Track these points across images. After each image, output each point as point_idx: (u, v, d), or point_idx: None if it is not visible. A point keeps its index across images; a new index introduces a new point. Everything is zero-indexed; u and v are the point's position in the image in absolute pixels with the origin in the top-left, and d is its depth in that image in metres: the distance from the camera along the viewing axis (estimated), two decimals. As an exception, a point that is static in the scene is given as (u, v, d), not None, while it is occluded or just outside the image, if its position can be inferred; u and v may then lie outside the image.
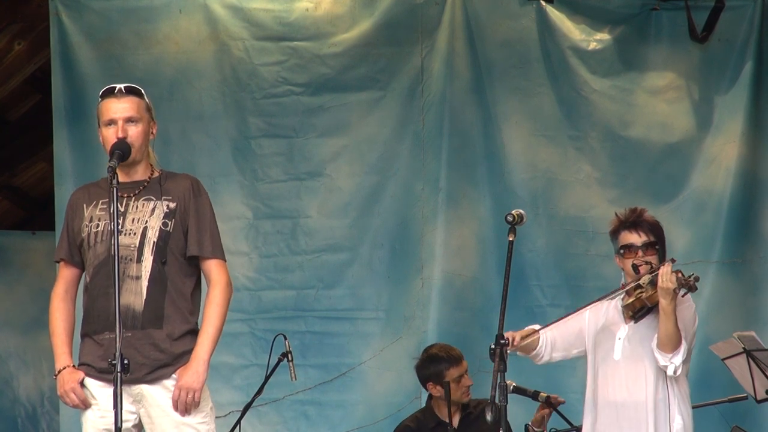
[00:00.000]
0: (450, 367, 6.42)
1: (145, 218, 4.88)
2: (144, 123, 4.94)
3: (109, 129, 4.91)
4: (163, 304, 4.85)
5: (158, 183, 4.95)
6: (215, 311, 4.89)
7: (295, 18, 7.46)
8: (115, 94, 4.93)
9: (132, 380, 4.75)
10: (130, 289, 4.84)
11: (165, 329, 4.85)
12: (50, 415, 8.92)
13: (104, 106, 4.95)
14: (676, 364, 5.34)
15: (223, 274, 4.95)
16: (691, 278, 5.23)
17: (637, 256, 5.51)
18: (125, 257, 4.83)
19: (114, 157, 4.76)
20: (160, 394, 4.84)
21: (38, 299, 8.76)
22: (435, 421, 6.49)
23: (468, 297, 7.36)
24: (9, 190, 9.37)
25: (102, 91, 4.99)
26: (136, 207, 4.90)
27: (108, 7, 7.43)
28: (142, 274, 4.85)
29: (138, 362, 4.77)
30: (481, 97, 7.43)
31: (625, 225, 5.57)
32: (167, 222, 4.89)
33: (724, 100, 7.38)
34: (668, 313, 5.27)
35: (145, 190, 4.94)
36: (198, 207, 4.94)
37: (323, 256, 7.40)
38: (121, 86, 4.95)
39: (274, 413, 7.35)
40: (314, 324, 7.38)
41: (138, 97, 4.96)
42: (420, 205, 7.41)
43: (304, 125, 7.46)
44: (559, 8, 7.46)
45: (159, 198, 4.92)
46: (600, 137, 7.44)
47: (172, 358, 4.85)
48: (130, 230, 4.87)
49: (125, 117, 4.90)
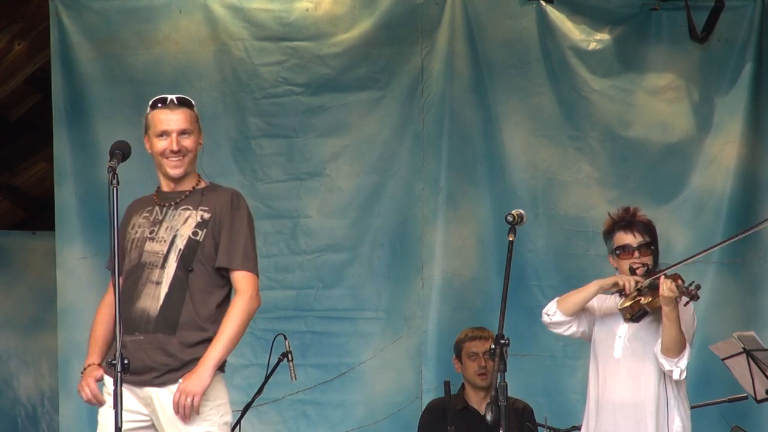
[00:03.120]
0: (466, 341, 6.67)
1: (178, 226, 4.90)
2: (195, 134, 4.96)
3: (162, 140, 4.92)
4: (180, 311, 4.84)
5: (200, 194, 4.96)
6: (231, 320, 4.84)
7: (295, 18, 7.46)
8: (168, 105, 4.92)
9: (141, 382, 4.79)
10: (149, 293, 4.86)
11: (177, 336, 4.83)
12: (50, 415, 8.92)
13: (156, 116, 4.93)
14: (682, 368, 5.34)
15: (250, 287, 4.92)
16: (692, 287, 5.22)
17: (632, 256, 5.52)
18: (152, 263, 4.86)
19: (114, 157, 4.76)
20: (166, 399, 4.82)
21: (38, 299, 8.77)
22: (462, 405, 6.65)
23: (468, 297, 7.36)
24: (9, 190, 9.36)
25: (153, 100, 4.96)
26: (173, 216, 4.92)
27: (108, 7, 7.43)
28: (163, 280, 4.85)
29: (147, 365, 4.79)
30: (481, 97, 7.43)
31: (620, 225, 5.57)
32: (197, 231, 4.88)
33: (724, 100, 7.38)
34: (672, 320, 5.28)
35: (186, 200, 4.95)
36: (234, 219, 4.92)
37: (323, 256, 7.40)
38: (173, 97, 4.94)
39: (274, 413, 7.36)
40: (314, 324, 7.39)
41: (189, 109, 4.96)
42: (420, 205, 7.41)
43: (304, 125, 7.46)
44: (559, 8, 7.45)
45: (196, 208, 4.93)
46: (600, 137, 7.44)
47: (181, 364, 4.83)
48: (161, 237, 4.89)
49: (179, 129, 4.91)
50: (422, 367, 7.30)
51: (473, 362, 6.63)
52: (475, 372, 6.62)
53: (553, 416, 6.67)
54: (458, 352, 6.74)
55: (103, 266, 7.20)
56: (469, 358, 6.65)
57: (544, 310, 5.60)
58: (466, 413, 6.60)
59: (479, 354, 6.60)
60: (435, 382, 7.18)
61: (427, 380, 7.26)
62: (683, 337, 5.32)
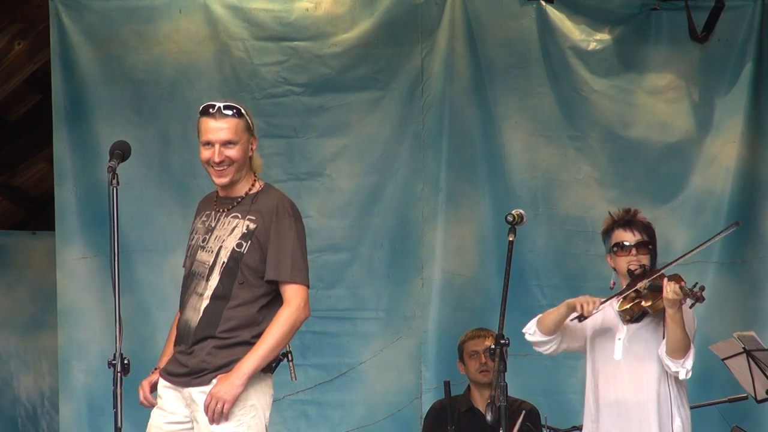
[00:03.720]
0: (467, 341, 6.72)
1: (224, 237, 4.85)
2: (243, 143, 4.88)
3: (206, 150, 4.87)
4: (219, 320, 4.81)
5: (251, 200, 4.90)
6: (273, 329, 4.78)
7: (295, 18, 7.46)
8: (213, 114, 4.85)
9: (182, 383, 4.84)
10: (193, 305, 4.86)
11: (212, 341, 4.81)
12: (50, 415, 8.92)
13: (202, 124, 4.88)
14: (687, 368, 5.34)
15: (299, 298, 4.85)
16: (697, 288, 5.22)
17: (630, 254, 5.51)
18: (199, 273, 4.86)
19: (114, 157, 4.76)
20: (201, 400, 4.82)
21: (38, 299, 8.77)
22: (468, 406, 6.67)
23: (468, 297, 7.36)
24: (9, 190, 9.36)
25: (202, 107, 4.89)
26: (223, 224, 4.88)
27: (108, 7, 7.42)
28: (206, 293, 4.83)
29: (186, 367, 4.82)
30: (481, 97, 7.43)
31: (619, 224, 5.57)
32: (242, 243, 4.82)
33: (724, 100, 7.37)
34: (676, 321, 5.27)
35: (236, 207, 4.90)
36: (279, 229, 4.85)
37: (323, 256, 7.39)
38: (220, 105, 4.86)
39: (274, 413, 7.23)
40: (314, 324, 7.36)
41: (237, 118, 4.85)
42: (420, 205, 7.41)
43: (304, 125, 7.46)
44: (559, 8, 7.45)
45: (244, 217, 4.86)
46: (600, 137, 7.44)
47: (215, 367, 4.81)
48: (210, 248, 4.86)
49: (222, 140, 4.83)
50: (422, 367, 7.30)
51: (474, 360, 6.65)
52: (476, 369, 6.64)
53: (553, 416, 6.67)
54: (460, 354, 6.78)
55: (104, 266, 7.25)
56: (470, 357, 6.68)
57: (525, 328, 5.57)
58: (471, 414, 6.62)
59: (479, 351, 6.62)
60: (435, 382, 7.18)
61: (427, 380, 7.26)
62: (688, 338, 5.32)
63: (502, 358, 4.96)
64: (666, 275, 5.35)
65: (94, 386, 7.24)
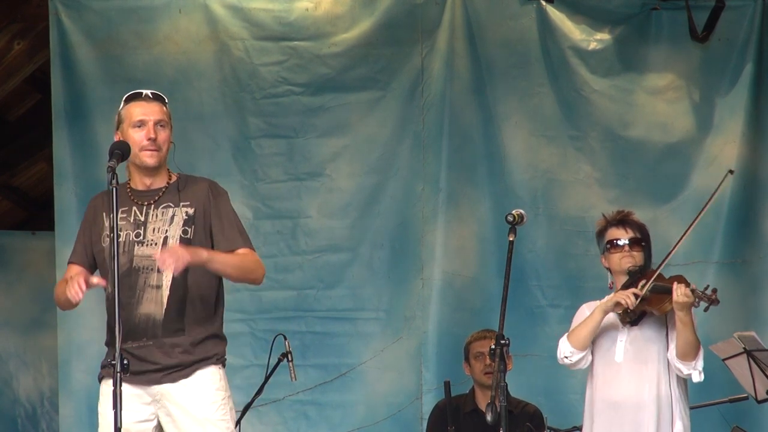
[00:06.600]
0: (472, 342, 6.73)
1: (165, 227, 4.91)
2: (168, 130, 4.99)
3: (138, 131, 4.92)
4: (183, 313, 4.88)
5: (176, 189, 4.97)
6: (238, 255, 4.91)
7: (295, 18, 7.46)
8: (144, 98, 4.97)
9: (151, 381, 4.83)
10: (151, 298, 4.88)
11: (186, 337, 4.87)
12: (50, 415, 8.91)
13: (131, 108, 4.96)
14: (699, 369, 5.38)
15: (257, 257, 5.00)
16: (708, 291, 5.23)
17: (623, 250, 5.51)
18: (146, 267, 4.88)
19: (113, 157, 4.76)
20: (179, 393, 4.85)
21: (38, 299, 8.76)
22: (472, 407, 6.68)
23: (468, 297, 7.36)
24: (9, 190, 9.36)
25: (127, 95, 5.01)
26: (156, 216, 4.93)
27: (108, 7, 7.43)
28: (163, 284, 4.88)
29: (158, 364, 4.83)
30: (481, 98, 7.43)
31: (612, 223, 5.59)
32: (187, 229, 4.91)
33: (724, 100, 7.37)
34: (687, 324, 5.29)
35: (164, 197, 4.96)
36: (219, 207, 4.97)
37: (323, 257, 7.40)
38: (147, 92, 4.99)
39: (274, 413, 7.35)
40: (314, 324, 7.38)
41: (163, 105, 5.00)
42: (420, 205, 7.41)
43: (304, 125, 7.46)
44: (560, 8, 7.45)
45: (177, 205, 4.94)
46: (600, 137, 7.44)
47: (192, 362, 4.87)
48: (151, 240, 4.90)
49: (156, 119, 4.93)
50: (422, 367, 7.30)
51: (479, 362, 6.66)
52: (481, 371, 6.64)
53: (553, 416, 6.68)
54: (466, 355, 6.78)
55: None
56: (475, 358, 6.68)
57: (560, 354, 5.52)
58: (474, 415, 6.62)
59: (484, 353, 6.61)
60: (435, 382, 7.18)
61: (427, 381, 7.26)
62: (698, 340, 5.35)
63: (502, 358, 4.96)
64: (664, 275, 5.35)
65: (94, 386, 7.17)
